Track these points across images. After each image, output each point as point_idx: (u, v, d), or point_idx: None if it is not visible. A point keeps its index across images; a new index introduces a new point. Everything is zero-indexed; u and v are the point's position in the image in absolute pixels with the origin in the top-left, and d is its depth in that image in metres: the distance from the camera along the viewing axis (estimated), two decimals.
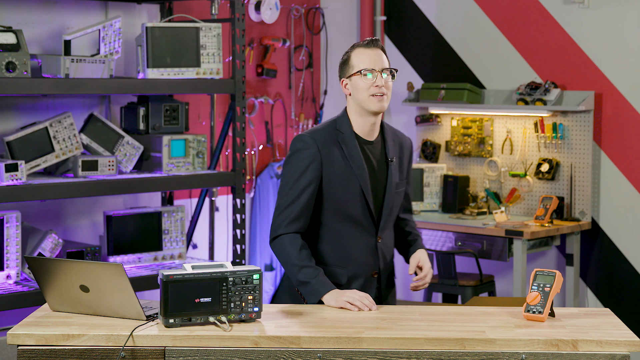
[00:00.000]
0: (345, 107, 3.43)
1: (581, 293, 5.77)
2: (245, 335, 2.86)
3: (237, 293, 2.95)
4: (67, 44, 4.68)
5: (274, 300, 5.97)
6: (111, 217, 4.84)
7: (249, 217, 6.03)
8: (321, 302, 3.25)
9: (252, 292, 2.97)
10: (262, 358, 2.83)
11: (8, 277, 4.44)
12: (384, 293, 3.49)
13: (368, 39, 3.40)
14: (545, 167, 5.80)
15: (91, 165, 4.66)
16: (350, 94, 3.37)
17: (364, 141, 3.39)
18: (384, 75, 3.32)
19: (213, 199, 5.49)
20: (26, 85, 4.34)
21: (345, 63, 3.39)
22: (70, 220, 5.08)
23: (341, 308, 3.19)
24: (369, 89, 3.31)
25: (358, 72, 3.33)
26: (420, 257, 3.48)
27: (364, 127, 3.38)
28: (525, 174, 5.88)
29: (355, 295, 3.20)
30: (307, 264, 3.29)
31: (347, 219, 3.37)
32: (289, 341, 2.84)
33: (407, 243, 3.59)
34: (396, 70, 3.37)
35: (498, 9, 6.09)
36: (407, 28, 6.50)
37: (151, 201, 5.42)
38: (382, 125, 3.45)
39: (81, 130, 4.79)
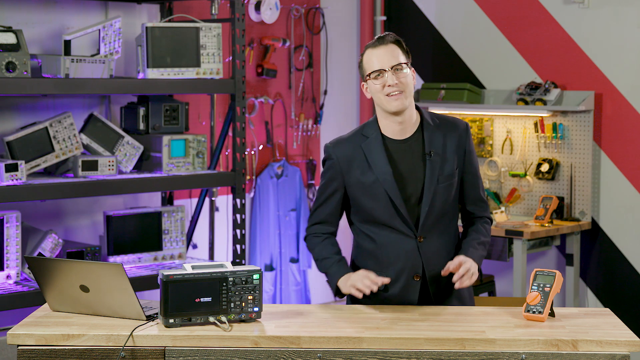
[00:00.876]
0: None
1: (581, 293, 5.77)
2: (245, 335, 2.86)
3: (237, 293, 2.95)
4: (67, 44, 4.69)
5: None
6: (111, 217, 4.84)
7: (249, 217, 6.03)
8: (340, 291, 3.26)
9: (252, 292, 2.97)
10: (262, 358, 2.83)
11: (8, 277, 4.43)
12: (436, 298, 3.31)
13: (377, 36, 3.29)
14: (545, 167, 5.80)
15: (91, 165, 4.66)
16: (371, 97, 3.30)
17: (394, 142, 3.29)
18: (405, 71, 3.22)
19: (213, 199, 5.49)
20: (26, 85, 4.34)
21: (360, 67, 3.31)
22: (70, 220, 5.08)
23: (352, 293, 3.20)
24: (383, 90, 3.22)
25: (368, 75, 3.26)
26: (455, 259, 3.24)
27: (392, 127, 3.28)
28: (525, 174, 5.88)
29: (357, 277, 3.18)
30: (325, 255, 3.32)
31: (378, 225, 3.29)
32: (289, 341, 2.84)
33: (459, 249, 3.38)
34: (407, 64, 3.24)
35: (498, 9, 6.09)
36: (407, 28, 6.50)
37: (151, 201, 5.42)
38: (422, 118, 3.33)
39: (81, 130, 4.80)
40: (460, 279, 3.18)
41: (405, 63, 3.24)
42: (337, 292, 3.28)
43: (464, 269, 3.18)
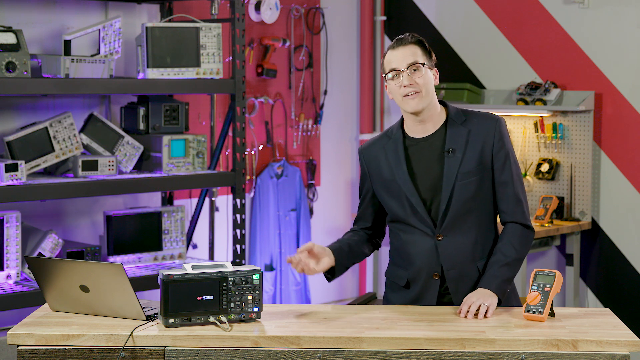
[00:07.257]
0: None
1: (581, 293, 5.77)
2: (245, 335, 2.86)
3: (237, 293, 2.95)
4: (67, 44, 4.69)
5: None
6: (111, 217, 4.84)
7: (249, 217, 6.03)
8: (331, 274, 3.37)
9: (252, 292, 2.97)
10: (262, 358, 2.83)
11: (8, 277, 4.43)
12: (456, 297, 3.26)
13: (396, 38, 3.29)
14: (545, 167, 5.80)
15: (91, 165, 4.66)
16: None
17: (415, 140, 3.31)
18: (422, 71, 3.22)
19: (213, 199, 5.50)
20: (26, 85, 4.34)
21: (382, 68, 3.33)
22: (70, 220, 5.08)
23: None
24: (400, 90, 3.23)
25: (385, 76, 3.28)
26: (464, 301, 3.14)
27: (413, 126, 3.31)
28: (525, 174, 5.88)
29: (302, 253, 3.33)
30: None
31: (401, 222, 3.31)
32: (289, 341, 2.84)
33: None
34: (423, 64, 3.24)
35: (498, 9, 6.09)
36: (407, 28, 6.49)
37: (151, 201, 5.42)
38: (447, 114, 3.32)
39: (81, 130, 4.80)
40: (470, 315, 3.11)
41: (421, 63, 3.24)
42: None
43: (472, 310, 3.10)
